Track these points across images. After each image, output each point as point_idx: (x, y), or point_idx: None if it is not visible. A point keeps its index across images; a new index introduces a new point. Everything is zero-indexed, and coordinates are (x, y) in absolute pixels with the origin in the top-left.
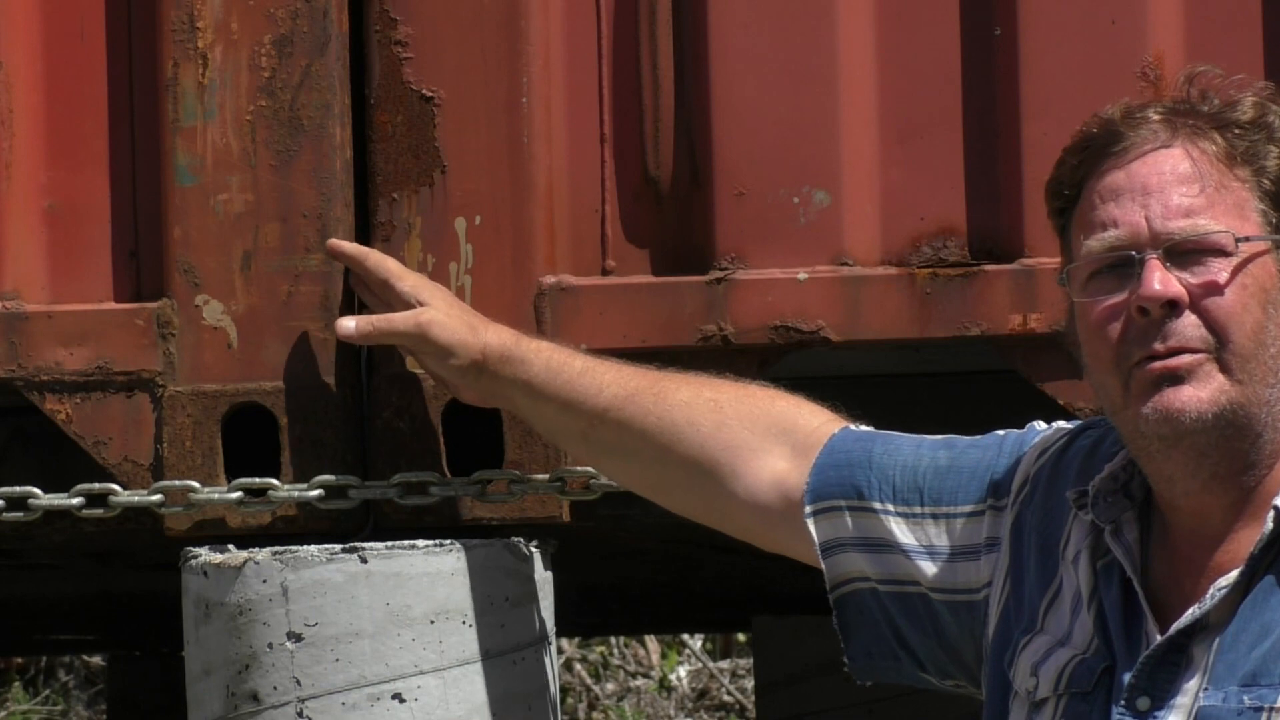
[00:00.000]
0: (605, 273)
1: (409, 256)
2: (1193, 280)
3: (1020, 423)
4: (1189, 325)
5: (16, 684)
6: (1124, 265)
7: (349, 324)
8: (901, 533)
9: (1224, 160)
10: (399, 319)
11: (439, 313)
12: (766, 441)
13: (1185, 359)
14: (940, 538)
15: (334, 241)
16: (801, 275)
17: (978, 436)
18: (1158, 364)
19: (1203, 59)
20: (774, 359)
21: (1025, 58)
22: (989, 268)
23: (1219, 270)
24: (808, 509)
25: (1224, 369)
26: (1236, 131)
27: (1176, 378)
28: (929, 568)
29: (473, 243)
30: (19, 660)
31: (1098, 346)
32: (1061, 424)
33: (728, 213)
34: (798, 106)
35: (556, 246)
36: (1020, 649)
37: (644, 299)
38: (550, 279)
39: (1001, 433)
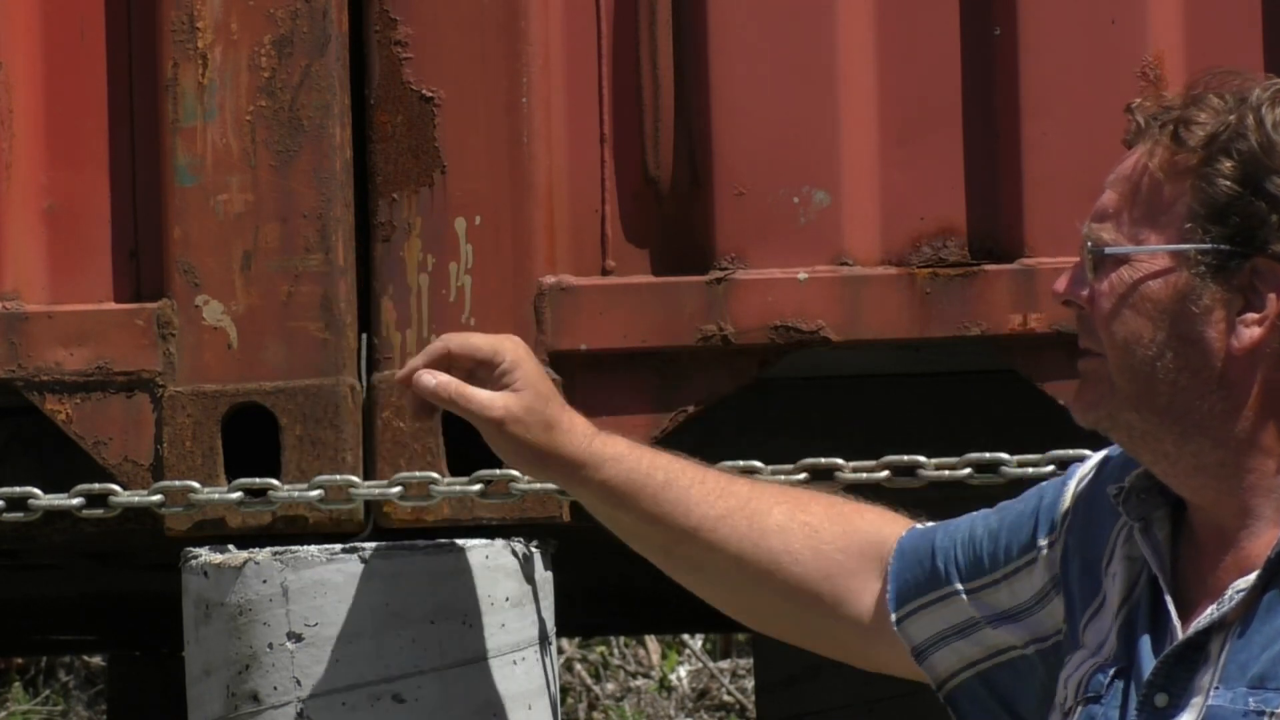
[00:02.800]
0: (605, 273)
1: (409, 256)
2: (1094, 285)
3: (1018, 422)
4: (1087, 327)
5: (16, 684)
6: None
7: (429, 380)
8: (980, 607)
9: (1165, 167)
10: (475, 402)
11: (519, 410)
12: (860, 562)
13: (1084, 362)
14: (1012, 597)
15: (412, 374)
16: (801, 275)
17: (1024, 493)
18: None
19: (1203, 59)
20: (774, 359)
21: (1025, 58)
22: (989, 268)
23: (1112, 278)
24: (893, 617)
25: (1111, 378)
26: (1192, 140)
27: (1081, 375)
28: (1016, 629)
29: (473, 243)
30: (19, 660)
31: None
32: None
33: (728, 213)
34: (798, 106)
35: (556, 246)
36: (1063, 667)
37: (644, 299)
38: (550, 279)
39: (1046, 482)
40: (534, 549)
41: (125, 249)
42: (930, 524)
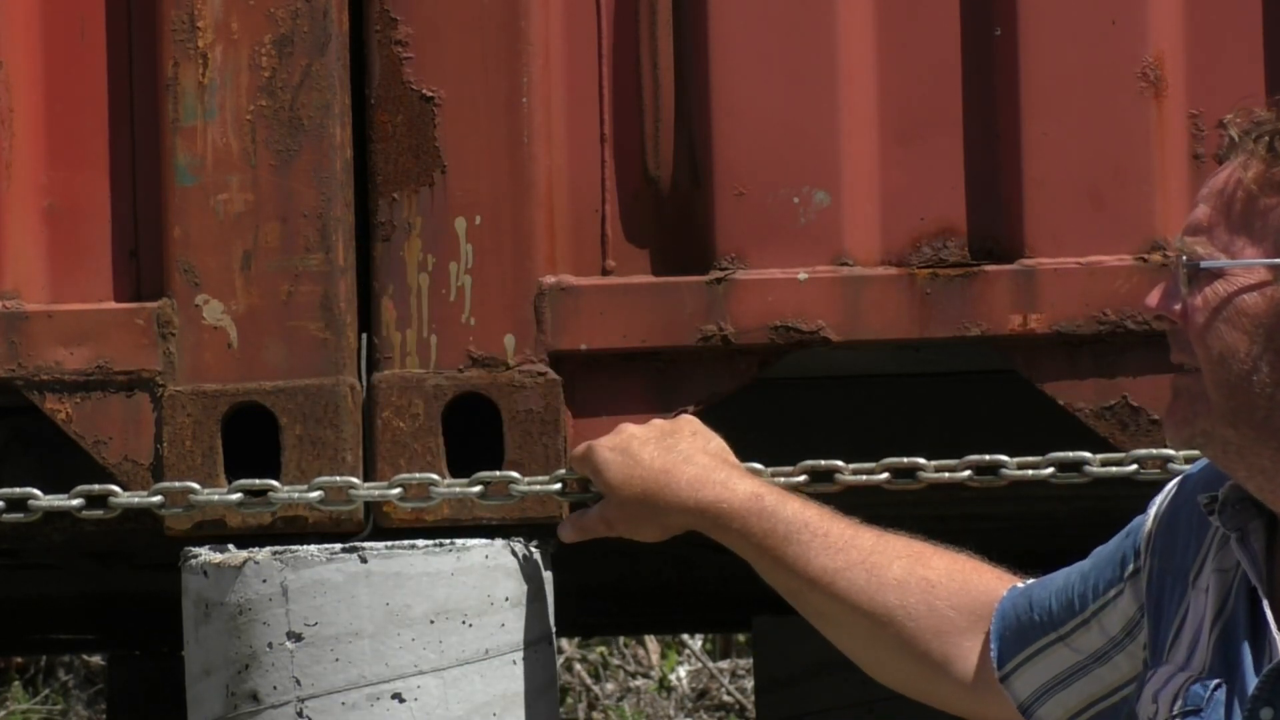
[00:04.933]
0: (605, 273)
1: (409, 256)
2: (1187, 299)
3: (1018, 423)
4: (1180, 341)
5: (16, 683)
6: None
7: (566, 530)
8: (1076, 651)
9: (1261, 180)
10: (592, 523)
11: (616, 508)
12: (971, 621)
13: (1177, 378)
14: (1103, 634)
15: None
16: (801, 275)
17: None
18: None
19: (1203, 59)
20: (774, 359)
21: (1025, 58)
22: (989, 268)
23: (1206, 292)
24: (998, 675)
25: (1205, 393)
26: None
27: (1173, 391)
28: (1114, 667)
29: (473, 243)
30: (19, 660)
31: None
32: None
33: (728, 213)
34: (798, 106)
35: (556, 246)
36: (1146, 682)
37: (644, 299)
38: (550, 279)
39: (1135, 519)
40: (534, 549)
41: (125, 248)
42: (1031, 581)
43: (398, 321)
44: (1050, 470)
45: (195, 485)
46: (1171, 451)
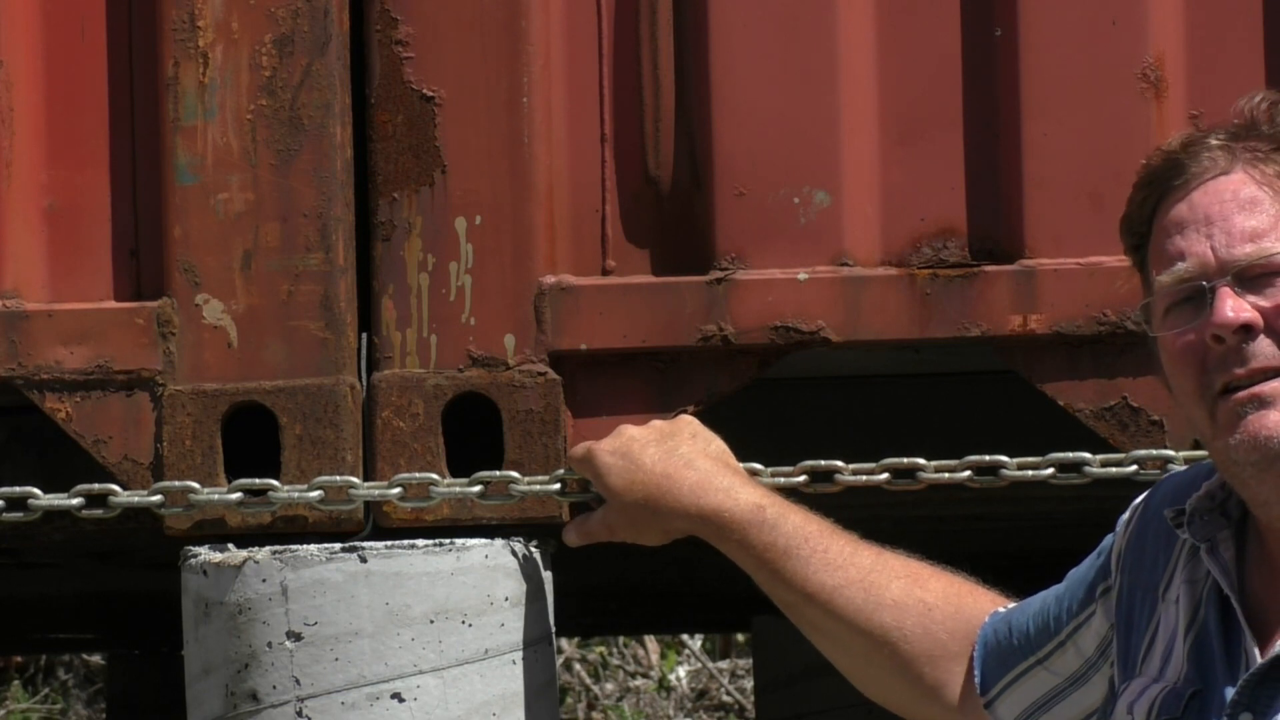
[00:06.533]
0: (605, 273)
1: (409, 256)
2: (1265, 303)
3: (1018, 423)
4: (1266, 347)
5: (16, 683)
6: (1197, 296)
7: (571, 535)
8: (1055, 674)
9: None
10: (594, 528)
11: (617, 514)
12: (963, 646)
13: (1270, 385)
14: (1079, 655)
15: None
16: (802, 275)
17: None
18: (1242, 391)
19: (1203, 60)
20: (774, 359)
21: (1025, 58)
22: (989, 268)
23: None
24: (982, 701)
25: None
26: None
27: (1262, 402)
28: (1091, 690)
29: (473, 243)
30: (19, 659)
31: (1181, 379)
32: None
33: (728, 213)
34: (798, 106)
35: (556, 246)
36: (1119, 696)
37: (644, 299)
38: (550, 279)
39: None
40: (534, 549)
41: (125, 248)
42: (1011, 605)
43: (398, 321)
44: (1050, 471)
45: (195, 485)
46: (1171, 452)
